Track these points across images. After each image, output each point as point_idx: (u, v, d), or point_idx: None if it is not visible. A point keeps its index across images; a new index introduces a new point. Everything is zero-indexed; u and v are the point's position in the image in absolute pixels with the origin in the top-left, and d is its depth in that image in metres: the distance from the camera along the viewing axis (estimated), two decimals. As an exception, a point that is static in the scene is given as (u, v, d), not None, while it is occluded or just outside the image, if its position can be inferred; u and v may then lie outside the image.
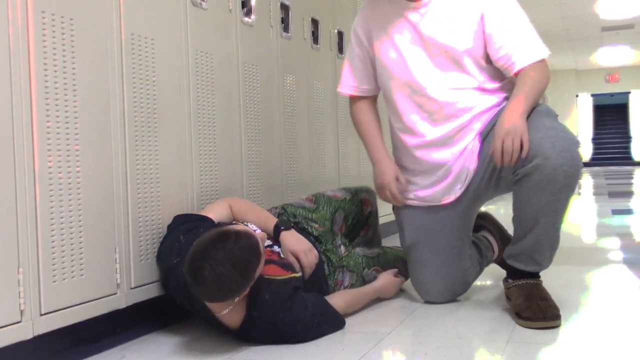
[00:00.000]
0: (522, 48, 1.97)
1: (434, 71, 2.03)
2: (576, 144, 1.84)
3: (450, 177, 2.07)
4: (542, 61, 1.98)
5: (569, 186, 1.83)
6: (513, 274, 2.01)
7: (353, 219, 2.35)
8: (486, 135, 2.01)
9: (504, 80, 2.07)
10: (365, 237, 2.43)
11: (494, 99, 2.04)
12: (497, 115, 1.98)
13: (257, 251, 1.66)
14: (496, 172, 1.99)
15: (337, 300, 1.95)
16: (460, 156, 2.04)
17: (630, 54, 14.80)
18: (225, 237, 1.62)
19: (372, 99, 2.29)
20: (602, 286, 2.47)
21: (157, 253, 1.90)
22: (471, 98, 2.02)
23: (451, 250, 2.14)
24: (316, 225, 2.18)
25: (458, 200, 2.10)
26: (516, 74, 1.98)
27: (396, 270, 2.26)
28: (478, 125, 2.03)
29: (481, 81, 2.03)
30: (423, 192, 2.14)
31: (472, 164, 2.04)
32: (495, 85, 2.05)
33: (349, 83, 2.26)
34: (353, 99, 2.29)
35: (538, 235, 1.90)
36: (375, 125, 2.26)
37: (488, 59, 2.03)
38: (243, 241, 1.63)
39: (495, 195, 2.15)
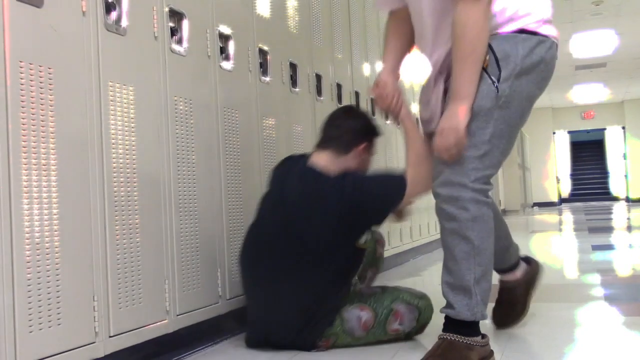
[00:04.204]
0: None
1: None
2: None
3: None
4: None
5: (450, 228, 1.80)
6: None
7: (368, 257, 2.44)
8: None
9: None
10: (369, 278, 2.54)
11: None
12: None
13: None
14: None
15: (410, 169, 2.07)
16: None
17: (604, 91, 15.12)
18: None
19: (403, 12, 2.08)
20: (584, 323, 2.48)
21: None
22: None
23: None
24: None
25: None
26: None
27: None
28: None
29: None
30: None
31: None
32: None
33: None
34: (388, 16, 2.16)
35: (445, 264, 1.86)
36: (394, 42, 2.13)
37: None
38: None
39: None
